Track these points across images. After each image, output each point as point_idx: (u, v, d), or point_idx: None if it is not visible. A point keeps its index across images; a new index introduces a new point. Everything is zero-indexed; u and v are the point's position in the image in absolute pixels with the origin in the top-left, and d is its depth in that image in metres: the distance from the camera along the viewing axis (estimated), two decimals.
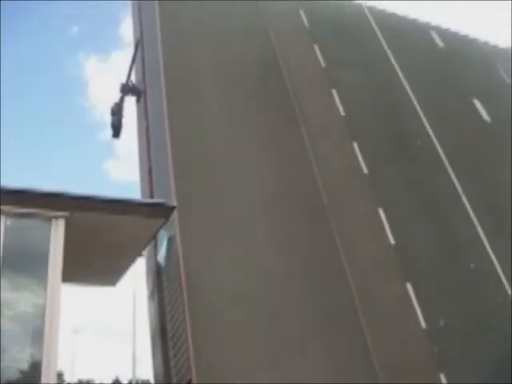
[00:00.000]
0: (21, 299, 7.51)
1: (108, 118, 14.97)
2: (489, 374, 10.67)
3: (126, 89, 14.66)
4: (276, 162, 12.23)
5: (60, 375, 50.28)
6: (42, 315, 7.26)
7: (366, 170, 13.01)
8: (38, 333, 7.21)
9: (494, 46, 20.03)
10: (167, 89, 12.23)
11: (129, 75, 14.82)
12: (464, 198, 13.59)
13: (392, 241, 11.98)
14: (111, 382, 18.38)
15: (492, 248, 12.87)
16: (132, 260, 10.11)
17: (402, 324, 11.03)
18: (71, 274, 9.07)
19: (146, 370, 21.54)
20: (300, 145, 12.69)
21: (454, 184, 13.81)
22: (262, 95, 13.48)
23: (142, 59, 14.43)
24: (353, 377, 9.63)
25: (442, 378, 10.40)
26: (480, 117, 16.23)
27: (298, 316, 10.13)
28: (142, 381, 31.15)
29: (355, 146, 13.39)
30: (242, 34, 14.81)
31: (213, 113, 12.62)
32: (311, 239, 11.31)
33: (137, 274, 18.00)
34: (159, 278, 11.21)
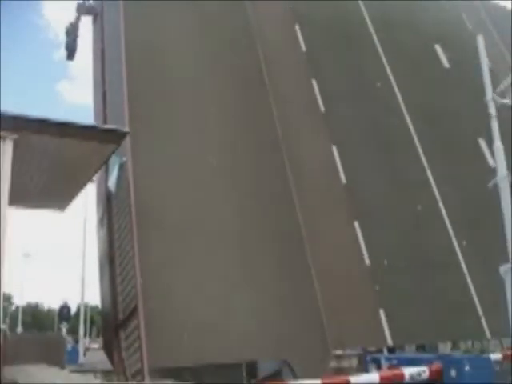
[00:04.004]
0: None
1: (63, 38, 14.41)
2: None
3: (83, 8, 14.07)
4: (235, 96, 12.01)
5: (9, 298, 50.25)
6: None
7: (322, 108, 13.02)
8: None
9: None
10: (125, 10, 11.80)
11: None
12: (417, 142, 13.79)
13: (344, 180, 12.16)
14: (60, 305, 18.63)
15: (439, 192, 13.23)
16: (82, 185, 9.98)
17: (348, 260, 11.40)
18: (20, 196, 8.93)
19: (95, 295, 21.60)
20: (260, 82, 12.52)
21: (408, 127, 13.96)
22: (225, 32, 13.07)
23: None
24: None
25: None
26: (440, 62, 16.25)
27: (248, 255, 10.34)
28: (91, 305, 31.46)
29: (314, 82, 13.34)
30: None
31: (172, 36, 12.21)
32: (265, 174, 11.35)
33: (88, 200, 17.91)
34: (109, 205, 11.09)
